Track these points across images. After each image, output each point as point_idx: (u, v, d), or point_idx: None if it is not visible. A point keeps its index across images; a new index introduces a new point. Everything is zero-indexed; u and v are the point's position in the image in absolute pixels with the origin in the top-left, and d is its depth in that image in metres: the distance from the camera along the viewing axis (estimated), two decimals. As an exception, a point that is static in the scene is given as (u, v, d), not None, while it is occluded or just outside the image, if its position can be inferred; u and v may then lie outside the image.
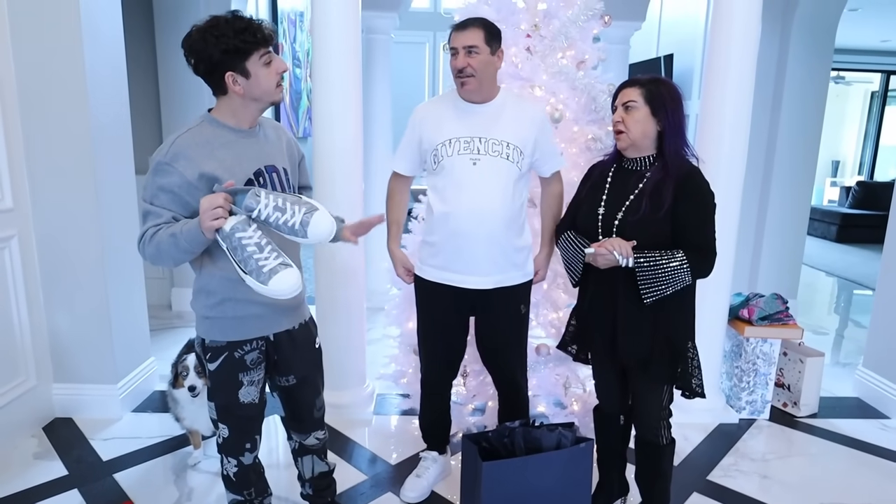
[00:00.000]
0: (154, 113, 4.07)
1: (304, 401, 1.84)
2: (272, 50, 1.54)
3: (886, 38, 7.76)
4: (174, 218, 1.50)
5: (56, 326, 2.71)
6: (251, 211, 1.42)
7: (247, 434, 1.73)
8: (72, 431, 2.66)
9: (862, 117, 10.47)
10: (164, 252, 1.48)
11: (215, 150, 1.54)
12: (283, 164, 1.68)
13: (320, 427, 1.91)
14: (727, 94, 2.59)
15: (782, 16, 4.09)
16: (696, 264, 1.73)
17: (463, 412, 2.70)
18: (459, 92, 2.04)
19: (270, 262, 1.40)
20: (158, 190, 1.49)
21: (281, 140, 1.72)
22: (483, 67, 1.96)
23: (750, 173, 3.73)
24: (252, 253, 1.40)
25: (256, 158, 1.60)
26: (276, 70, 1.55)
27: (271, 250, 1.42)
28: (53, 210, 2.60)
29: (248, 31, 1.48)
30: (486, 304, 2.10)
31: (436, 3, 8.32)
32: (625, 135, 1.80)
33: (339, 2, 2.50)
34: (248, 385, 1.67)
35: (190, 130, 1.55)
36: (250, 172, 1.58)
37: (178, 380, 2.27)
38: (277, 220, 1.43)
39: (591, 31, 2.58)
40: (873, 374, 3.16)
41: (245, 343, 1.65)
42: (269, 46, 1.52)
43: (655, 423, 1.92)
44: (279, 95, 1.59)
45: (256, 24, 1.51)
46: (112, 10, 2.69)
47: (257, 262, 1.39)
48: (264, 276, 1.40)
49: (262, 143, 1.64)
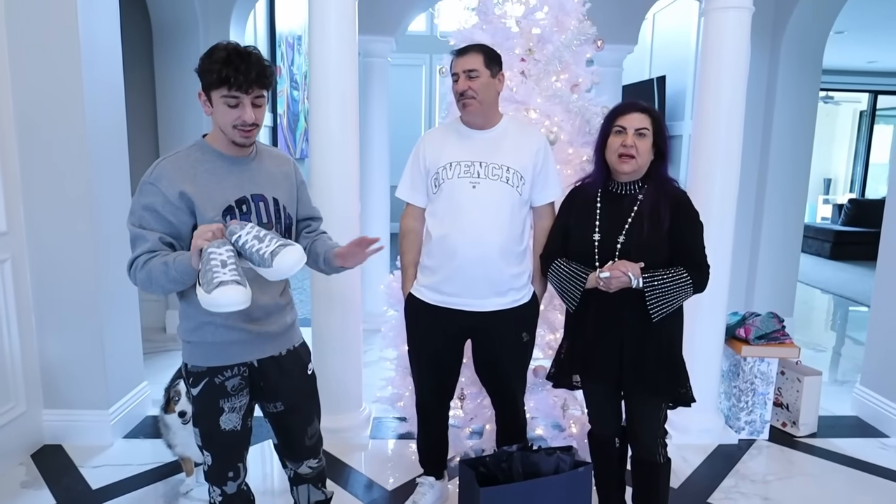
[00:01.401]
0: (151, 133, 4.08)
1: (294, 429, 1.80)
2: (241, 96, 1.47)
3: (873, 60, 7.90)
4: (161, 239, 1.50)
5: (48, 351, 2.68)
6: (233, 235, 1.44)
7: (228, 462, 1.69)
8: (61, 459, 2.62)
9: (852, 136, 10.61)
10: (154, 280, 1.48)
11: (198, 174, 1.54)
12: (276, 195, 1.66)
13: (314, 455, 1.86)
14: (719, 116, 2.63)
15: (771, 38, 4.16)
16: (696, 279, 1.81)
17: (460, 435, 2.67)
18: (462, 115, 2.06)
19: (225, 275, 1.37)
20: (143, 210, 1.50)
21: (280, 170, 1.71)
22: (484, 90, 1.98)
23: (743, 192, 3.75)
24: (213, 267, 1.38)
25: (242, 186, 1.59)
26: (237, 116, 1.50)
27: (233, 268, 1.39)
28: (48, 233, 2.59)
29: (220, 63, 1.44)
30: (484, 329, 2.08)
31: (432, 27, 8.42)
32: (634, 160, 1.82)
33: (337, 26, 2.53)
34: (230, 412, 1.64)
35: (177, 154, 1.57)
36: (231, 200, 1.57)
37: (169, 405, 2.25)
38: (252, 248, 1.43)
39: (584, 54, 2.62)
40: (871, 392, 3.16)
41: (226, 369, 1.63)
42: (232, 89, 1.46)
43: (654, 442, 1.92)
44: (238, 139, 1.54)
45: (237, 65, 1.45)
46: (110, 30, 2.70)
47: (213, 275, 1.37)
48: (211, 287, 1.36)
49: (253, 171, 1.62)
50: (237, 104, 1.49)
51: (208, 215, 1.53)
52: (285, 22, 5.83)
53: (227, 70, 1.44)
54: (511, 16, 2.56)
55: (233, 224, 1.46)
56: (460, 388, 2.56)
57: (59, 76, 2.48)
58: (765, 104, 4.25)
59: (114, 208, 2.73)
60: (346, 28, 2.56)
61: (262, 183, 1.64)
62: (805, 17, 4.01)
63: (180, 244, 1.54)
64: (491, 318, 2.05)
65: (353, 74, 2.63)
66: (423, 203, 2.14)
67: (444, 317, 2.07)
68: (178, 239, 1.53)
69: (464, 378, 2.49)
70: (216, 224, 1.43)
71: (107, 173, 2.68)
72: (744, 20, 2.60)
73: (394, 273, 2.52)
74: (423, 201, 2.14)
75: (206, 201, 1.52)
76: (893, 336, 3.01)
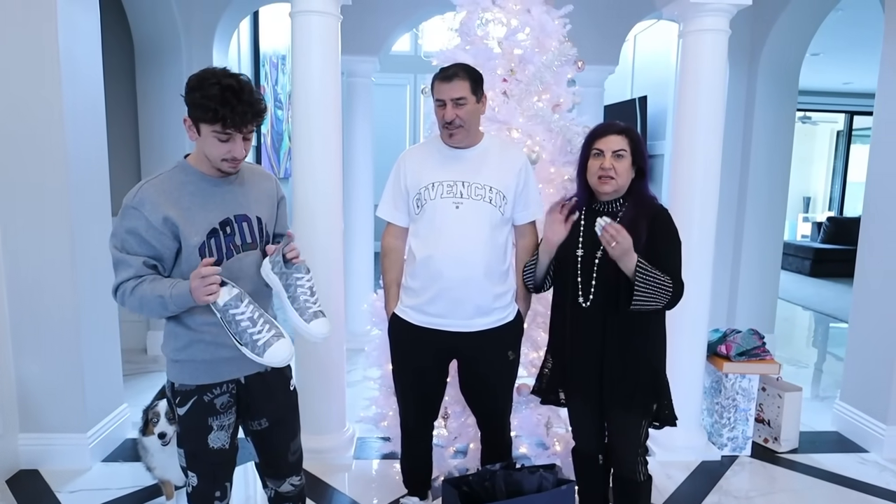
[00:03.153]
0: (133, 152, 4.06)
1: (278, 444, 1.79)
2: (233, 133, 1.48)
3: (848, 81, 8.10)
4: (144, 263, 1.51)
5: (24, 373, 2.63)
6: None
7: (216, 482, 1.68)
8: (38, 484, 2.56)
9: (829, 155, 10.83)
10: (149, 309, 1.51)
11: (182, 196, 1.55)
12: (259, 214, 1.67)
13: (296, 472, 1.85)
14: (697, 136, 2.68)
15: (748, 60, 4.26)
16: (673, 292, 1.81)
17: (444, 455, 2.65)
18: (446, 141, 2.06)
19: (264, 335, 1.51)
20: (126, 233, 1.51)
21: (262, 188, 1.70)
22: (470, 117, 2.00)
23: (723, 211, 3.81)
24: (246, 328, 1.51)
25: (226, 207, 1.60)
26: (227, 150, 1.50)
27: (264, 322, 1.53)
28: (26, 254, 2.55)
29: (214, 101, 1.43)
30: (470, 348, 2.07)
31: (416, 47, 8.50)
32: (614, 181, 1.84)
33: (320, 46, 2.55)
34: (218, 430, 1.64)
35: (159, 176, 1.57)
36: (215, 222, 1.57)
37: (147, 427, 2.21)
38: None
39: (565, 75, 2.66)
40: (851, 407, 3.19)
41: (215, 386, 1.63)
42: (227, 128, 1.46)
43: (633, 459, 1.93)
44: (225, 169, 1.55)
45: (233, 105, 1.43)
46: (92, 52, 2.70)
47: (251, 336, 1.51)
48: (259, 349, 1.51)
49: (236, 191, 1.63)
50: (228, 139, 1.49)
51: (192, 239, 1.54)
52: (269, 42, 5.86)
53: (223, 110, 1.43)
54: (493, 37, 2.60)
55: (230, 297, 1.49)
56: (444, 407, 2.54)
57: (39, 94, 2.47)
58: (744, 124, 4.34)
59: (93, 229, 2.70)
60: (330, 48, 2.58)
61: (245, 203, 1.64)
62: (781, 39, 4.11)
63: (163, 266, 1.55)
64: (476, 338, 2.05)
65: (337, 94, 2.65)
66: (404, 223, 2.14)
67: (429, 337, 2.07)
68: (161, 261, 1.55)
69: (447, 397, 2.48)
70: (210, 269, 1.46)
71: (87, 193, 2.65)
72: (720, 42, 2.66)
73: (377, 292, 2.52)
74: (405, 221, 2.14)
75: (190, 225, 1.53)
76: (872, 352, 3.06)
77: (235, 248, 1.60)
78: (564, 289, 1.92)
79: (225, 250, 1.58)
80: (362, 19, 4.15)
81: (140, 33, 3.86)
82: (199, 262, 1.52)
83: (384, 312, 2.27)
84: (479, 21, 2.61)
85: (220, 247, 1.57)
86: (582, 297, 1.87)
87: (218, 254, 1.57)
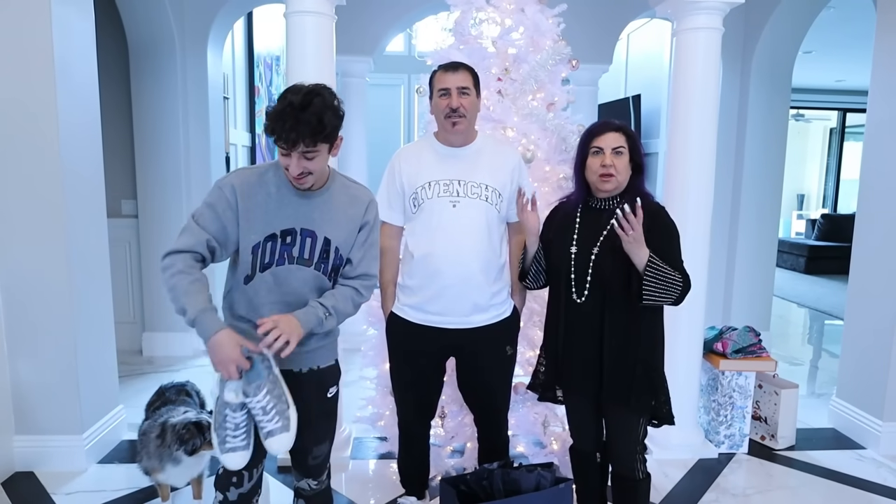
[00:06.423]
0: (128, 156, 4.05)
1: (302, 444, 1.77)
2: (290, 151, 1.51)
3: (841, 79, 8.13)
4: (207, 242, 1.57)
5: (19, 375, 2.62)
6: (246, 395, 1.54)
7: None
8: (33, 487, 2.55)
9: (823, 152, 10.88)
10: (173, 299, 1.54)
11: (258, 193, 1.61)
12: (329, 235, 1.65)
13: (313, 476, 1.83)
14: (691, 133, 2.69)
15: (741, 58, 4.28)
16: (683, 286, 1.81)
17: (441, 454, 2.65)
18: (448, 132, 2.05)
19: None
20: (206, 206, 1.59)
21: (345, 211, 1.68)
22: (472, 109, 2.02)
23: (718, 208, 3.83)
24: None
25: (296, 218, 1.62)
26: (286, 164, 1.54)
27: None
28: (21, 256, 2.54)
29: (272, 117, 1.50)
30: (468, 345, 2.08)
31: (410, 47, 8.50)
32: (614, 178, 1.85)
33: (315, 46, 2.54)
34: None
35: (254, 168, 1.66)
36: (279, 228, 1.61)
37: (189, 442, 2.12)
38: (256, 416, 1.57)
39: (559, 74, 2.66)
40: (847, 404, 3.20)
41: None
42: (279, 142, 1.50)
43: (632, 457, 1.93)
44: (293, 183, 1.59)
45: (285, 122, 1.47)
46: (86, 53, 2.69)
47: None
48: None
49: (315, 205, 1.64)
50: (287, 154, 1.53)
51: (250, 237, 1.60)
52: (263, 42, 5.85)
53: (275, 125, 1.49)
54: (487, 36, 2.60)
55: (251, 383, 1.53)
56: (441, 406, 2.54)
57: (34, 96, 2.46)
58: (737, 122, 4.35)
59: (88, 230, 2.69)
60: (324, 48, 2.57)
61: (318, 219, 1.64)
62: (774, 37, 4.13)
63: (223, 251, 1.62)
64: (474, 334, 2.06)
65: (332, 94, 2.64)
66: (400, 222, 2.15)
67: (427, 335, 2.07)
68: (224, 246, 1.61)
69: (445, 396, 2.48)
70: (240, 356, 1.50)
71: (81, 194, 2.64)
72: (714, 40, 2.67)
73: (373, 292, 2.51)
74: (401, 220, 2.14)
75: (252, 222, 1.59)
76: (867, 348, 3.07)
77: (290, 258, 1.63)
78: (558, 286, 1.93)
79: (277, 257, 1.62)
80: (356, 19, 4.15)
81: (134, 35, 3.85)
82: (251, 260, 1.60)
83: (380, 312, 2.27)
84: (473, 20, 2.61)
85: (273, 251, 1.62)
86: (576, 294, 1.87)
87: (270, 257, 1.61)
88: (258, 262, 1.62)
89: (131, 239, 4.13)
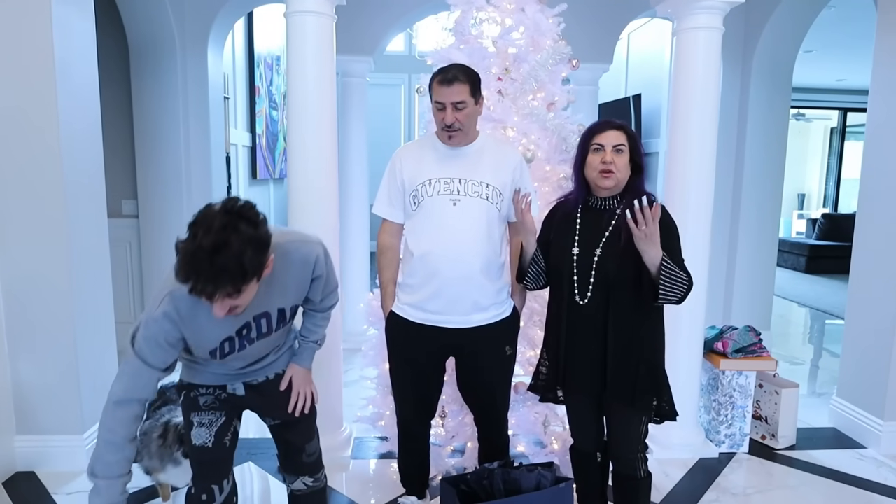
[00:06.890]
0: (129, 157, 4.05)
1: (292, 442, 1.82)
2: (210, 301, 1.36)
3: (842, 78, 8.13)
4: (159, 378, 1.54)
5: (20, 375, 2.62)
6: None
7: (203, 480, 1.70)
8: (34, 486, 2.55)
9: (824, 152, 10.87)
10: (94, 460, 1.57)
11: (198, 315, 1.47)
12: (283, 304, 1.62)
13: (309, 473, 1.85)
14: (692, 133, 2.69)
15: (742, 58, 4.27)
16: (689, 284, 1.81)
17: (442, 454, 2.65)
18: (445, 143, 2.06)
19: None
20: (148, 343, 1.48)
21: (293, 277, 1.61)
22: (469, 120, 2.01)
23: (718, 208, 3.82)
24: None
25: (244, 315, 1.53)
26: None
27: None
28: (21, 256, 2.54)
29: (185, 265, 1.29)
30: (468, 345, 2.08)
31: (410, 47, 8.50)
32: (614, 175, 1.85)
33: (315, 46, 2.54)
34: (198, 426, 1.67)
35: (185, 296, 1.45)
36: (231, 331, 1.55)
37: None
38: None
39: (559, 73, 2.66)
40: (847, 403, 3.20)
41: (201, 386, 1.70)
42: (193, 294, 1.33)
43: (633, 456, 1.93)
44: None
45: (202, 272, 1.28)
46: (87, 54, 2.68)
47: None
48: None
49: (261, 294, 1.48)
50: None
51: (205, 346, 1.56)
52: (264, 42, 5.85)
53: (187, 273, 1.29)
54: (487, 36, 2.60)
55: None
56: (441, 406, 2.54)
57: (34, 96, 2.46)
58: (738, 121, 4.35)
59: (89, 230, 2.69)
60: (325, 48, 2.57)
61: (266, 301, 1.56)
62: (774, 36, 4.13)
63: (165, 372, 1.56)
64: (474, 333, 2.05)
65: (332, 94, 2.65)
66: (400, 219, 2.14)
67: (427, 334, 2.07)
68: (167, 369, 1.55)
69: (445, 396, 2.48)
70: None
71: (82, 195, 2.64)
72: (714, 40, 2.67)
73: (373, 291, 2.52)
74: (401, 217, 2.14)
75: (204, 339, 1.55)
76: (868, 348, 3.07)
77: (250, 341, 1.62)
78: (560, 287, 1.92)
79: (238, 346, 1.60)
80: (357, 19, 4.14)
81: (135, 35, 3.85)
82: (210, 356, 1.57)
83: (381, 311, 2.27)
84: (474, 20, 2.61)
85: (233, 345, 1.59)
86: (578, 296, 1.86)
87: (230, 348, 1.59)
88: (218, 356, 1.59)
89: (132, 239, 4.13)
